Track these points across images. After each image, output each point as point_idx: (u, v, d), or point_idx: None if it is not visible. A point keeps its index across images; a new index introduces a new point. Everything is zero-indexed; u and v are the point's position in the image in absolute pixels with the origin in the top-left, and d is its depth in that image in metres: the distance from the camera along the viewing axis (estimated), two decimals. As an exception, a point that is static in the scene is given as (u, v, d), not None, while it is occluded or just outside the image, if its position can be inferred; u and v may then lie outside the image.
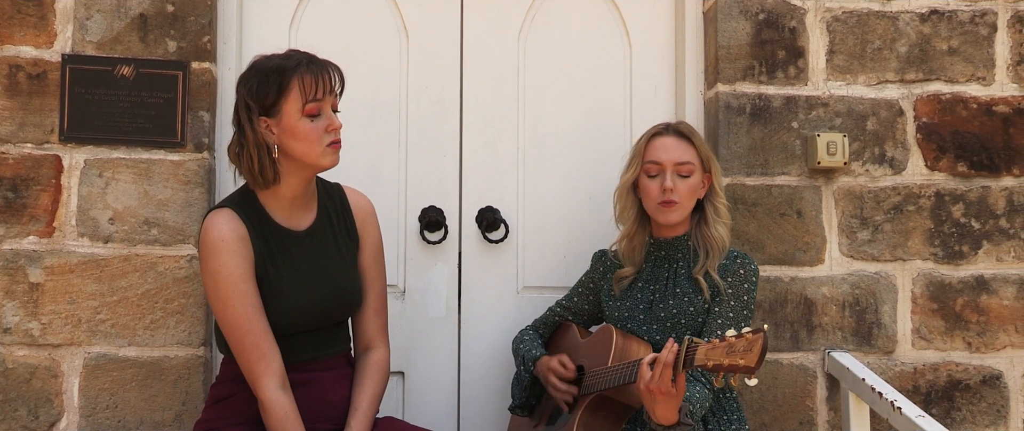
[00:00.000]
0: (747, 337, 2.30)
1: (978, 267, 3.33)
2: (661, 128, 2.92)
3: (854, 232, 3.30)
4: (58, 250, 3.03)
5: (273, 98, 2.55)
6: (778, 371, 3.24)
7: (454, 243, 3.35)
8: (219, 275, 2.54)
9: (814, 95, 3.32)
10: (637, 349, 2.74)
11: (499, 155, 3.39)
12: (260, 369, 2.53)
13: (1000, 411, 3.30)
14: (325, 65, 2.62)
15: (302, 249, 2.67)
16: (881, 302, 3.29)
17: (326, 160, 2.61)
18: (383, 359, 2.75)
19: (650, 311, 2.84)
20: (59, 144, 3.05)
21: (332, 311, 2.69)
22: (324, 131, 2.59)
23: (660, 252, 2.90)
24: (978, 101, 3.38)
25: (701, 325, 2.79)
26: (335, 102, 2.65)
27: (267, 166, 2.58)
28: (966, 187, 3.35)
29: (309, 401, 2.62)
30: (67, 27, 3.08)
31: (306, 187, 2.68)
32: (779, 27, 3.32)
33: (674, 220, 2.85)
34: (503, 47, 3.42)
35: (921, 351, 3.30)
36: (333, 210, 2.76)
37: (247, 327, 2.53)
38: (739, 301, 2.79)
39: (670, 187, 2.82)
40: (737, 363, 2.28)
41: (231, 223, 2.57)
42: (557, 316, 3.09)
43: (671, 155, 2.85)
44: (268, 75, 2.57)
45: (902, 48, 3.36)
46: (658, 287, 2.87)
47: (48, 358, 3.00)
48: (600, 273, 3.02)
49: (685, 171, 2.85)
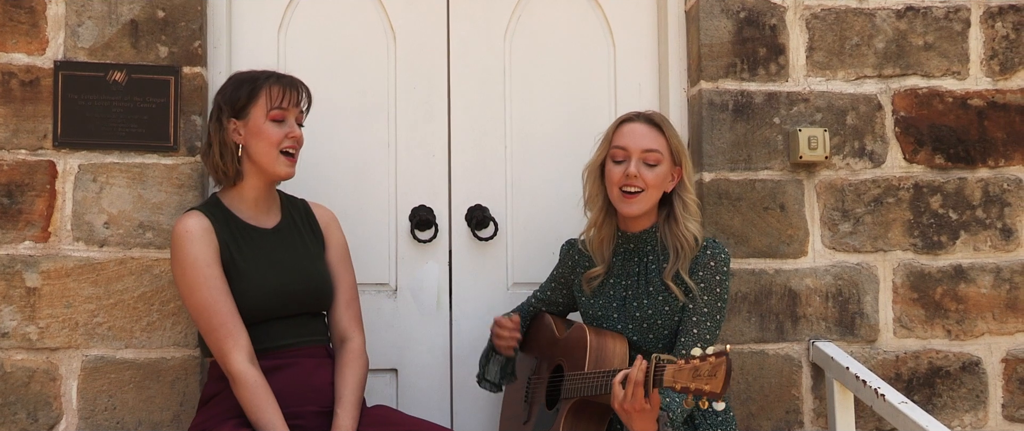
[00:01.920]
0: (711, 361, 2.28)
1: (956, 257, 3.42)
2: (633, 115, 2.90)
3: (836, 224, 3.37)
4: (54, 255, 3.06)
5: (244, 101, 2.79)
6: (764, 362, 3.31)
7: (444, 241, 3.40)
8: (185, 263, 2.71)
9: (795, 91, 3.39)
10: (612, 346, 2.78)
11: (487, 154, 3.45)
12: (228, 345, 2.66)
13: (979, 396, 3.39)
14: (295, 81, 2.87)
15: (269, 242, 2.84)
16: (863, 292, 3.36)
17: (280, 168, 2.82)
18: (359, 348, 2.88)
19: (624, 309, 2.85)
20: (53, 150, 3.08)
21: (301, 294, 2.82)
22: (284, 136, 2.80)
23: (629, 245, 2.90)
24: (954, 95, 3.46)
25: (677, 323, 2.81)
26: (301, 117, 2.88)
27: (230, 162, 2.80)
28: (943, 179, 3.43)
29: (291, 384, 2.74)
30: (59, 34, 3.11)
31: (267, 190, 2.88)
32: (760, 25, 3.40)
33: (635, 212, 2.81)
34: (489, 47, 3.48)
35: (903, 339, 3.38)
36: (297, 216, 2.95)
37: (213, 307, 2.68)
38: (712, 294, 2.78)
39: (634, 174, 2.78)
40: (702, 388, 2.28)
41: (195, 218, 2.77)
42: (533, 308, 3.15)
43: (638, 141, 2.82)
44: (241, 83, 2.82)
45: (879, 44, 3.44)
46: (630, 283, 2.87)
47: (46, 361, 3.03)
48: (569, 266, 3.04)
49: (652, 160, 2.81)
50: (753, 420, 3.29)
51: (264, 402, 2.63)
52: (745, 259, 3.32)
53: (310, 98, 2.91)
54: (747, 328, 3.31)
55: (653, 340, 2.82)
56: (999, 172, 3.44)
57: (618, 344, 2.79)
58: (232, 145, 2.79)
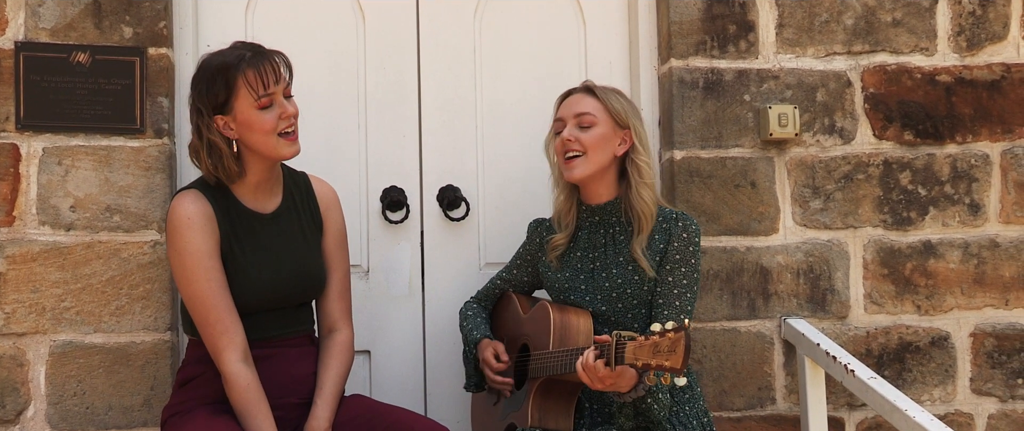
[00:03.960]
0: (670, 336, 2.27)
1: (925, 232, 3.44)
2: (573, 88, 2.94)
3: (806, 201, 3.39)
4: (19, 239, 3.01)
5: (224, 96, 2.63)
6: (736, 339, 3.32)
7: (416, 222, 3.39)
8: (185, 252, 2.60)
9: (765, 68, 3.40)
10: (577, 322, 2.77)
11: (458, 134, 3.43)
12: (223, 343, 2.59)
13: (949, 371, 3.42)
14: (268, 55, 2.67)
15: (267, 231, 2.73)
16: (834, 269, 3.38)
17: (283, 150, 2.69)
18: (347, 340, 2.81)
19: (592, 280, 2.85)
20: (16, 133, 3.03)
21: (295, 291, 2.75)
22: (277, 118, 2.64)
23: (594, 218, 2.90)
24: (922, 71, 3.48)
25: (647, 294, 2.80)
26: (287, 89, 2.70)
27: (229, 162, 2.65)
28: (912, 155, 3.45)
29: (274, 375, 2.69)
30: (19, 14, 3.05)
31: (270, 173, 2.75)
32: (729, 2, 3.39)
33: (578, 175, 2.82)
34: (459, 27, 3.45)
35: (873, 315, 3.41)
36: (298, 196, 2.82)
37: (211, 302, 2.59)
38: (689, 266, 2.78)
39: (568, 137, 2.82)
40: (663, 364, 2.27)
41: (198, 203, 2.64)
42: (498, 289, 3.13)
43: (572, 108, 2.87)
44: (214, 76, 2.64)
45: (849, 20, 3.44)
46: (597, 255, 2.87)
47: (13, 347, 2.99)
48: (537, 244, 3.03)
49: (586, 122, 2.83)
50: (726, 397, 3.30)
51: (255, 406, 2.58)
52: (717, 237, 3.33)
53: (289, 66, 2.72)
54: (719, 305, 3.32)
55: (622, 310, 2.82)
56: (967, 148, 3.47)
57: (582, 320, 2.79)
58: (225, 144, 2.64)
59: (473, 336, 3.02)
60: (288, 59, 2.72)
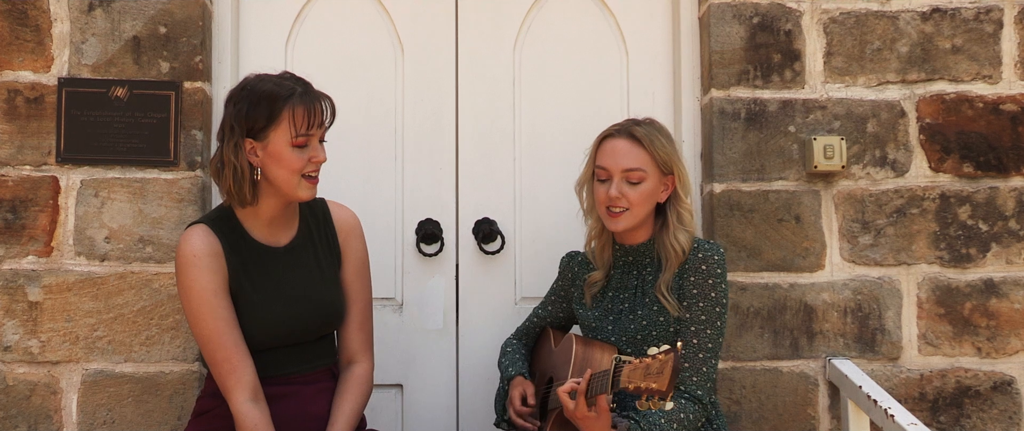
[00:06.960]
0: (660, 358, 2.22)
1: (987, 270, 3.25)
2: (614, 129, 2.79)
3: (855, 237, 3.23)
4: (56, 269, 3.09)
5: (263, 124, 2.58)
6: (778, 379, 3.18)
7: (451, 255, 3.35)
8: (191, 290, 2.58)
9: (811, 98, 3.26)
10: (600, 356, 2.70)
11: (495, 166, 3.39)
12: (231, 382, 2.56)
13: (1013, 418, 3.21)
14: (318, 98, 2.63)
15: (280, 265, 2.70)
16: (885, 307, 3.21)
17: (302, 192, 2.64)
18: (365, 373, 2.76)
19: (619, 322, 2.77)
20: (56, 166, 3.11)
21: (310, 325, 2.70)
22: (307, 161, 2.61)
23: (627, 258, 2.82)
24: (984, 100, 3.29)
25: (674, 334, 2.71)
26: (323, 134, 2.67)
27: (246, 186, 2.61)
28: (973, 188, 3.27)
29: (289, 414, 2.64)
30: (64, 51, 3.15)
31: (284, 209, 2.71)
32: (774, 30, 3.28)
33: (621, 228, 2.74)
34: (498, 58, 3.42)
35: (928, 357, 3.22)
36: (315, 226, 2.78)
37: (218, 340, 2.57)
38: (707, 300, 2.67)
39: (616, 195, 2.71)
40: (651, 386, 2.22)
41: (205, 239, 2.61)
42: (536, 326, 3.07)
43: (619, 161, 2.72)
44: (259, 101, 2.58)
45: (903, 48, 3.29)
46: (627, 296, 2.80)
47: (47, 375, 3.06)
48: (569, 279, 2.97)
49: (635, 178, 2.71)
50: (766, 440, 3.17)
51: None
52: (758, 273, 3.20)
53: (334, 111, 2.68)
54: (760, 344, 3.19)
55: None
56: (1035, 181, 3.27)
57: (605, 354, 2.71)
58: (247, 168, 2.59)
59: (507, 373, 2.96)
60: (334, 105, 2.68)
